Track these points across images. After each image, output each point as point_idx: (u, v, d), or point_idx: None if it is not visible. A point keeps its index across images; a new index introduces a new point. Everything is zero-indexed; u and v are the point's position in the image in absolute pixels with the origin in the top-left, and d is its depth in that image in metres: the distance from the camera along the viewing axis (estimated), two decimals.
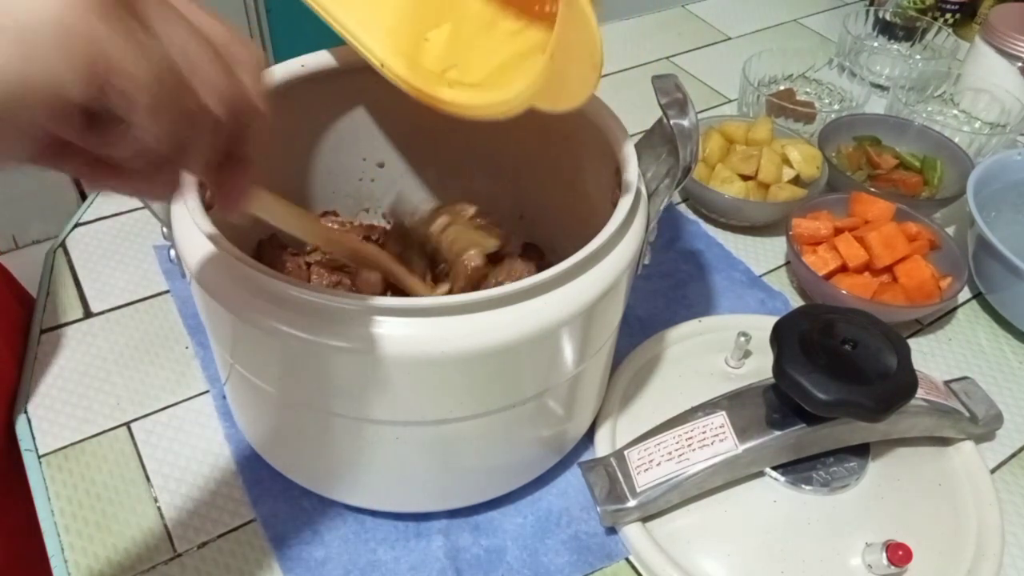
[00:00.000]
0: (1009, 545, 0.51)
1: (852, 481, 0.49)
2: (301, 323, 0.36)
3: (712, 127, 0.75)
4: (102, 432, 0.53)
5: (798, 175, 0.71)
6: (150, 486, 0.51)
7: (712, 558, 0.47)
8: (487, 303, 0.36)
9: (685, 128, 0.43)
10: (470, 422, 0.41)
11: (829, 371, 0.45)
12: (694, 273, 0.68)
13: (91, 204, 0.70)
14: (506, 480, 0.50)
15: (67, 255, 0.65)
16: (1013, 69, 0.83)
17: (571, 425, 0.50)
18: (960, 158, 0.74)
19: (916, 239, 0.65)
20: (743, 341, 0.55)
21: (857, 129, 0.78)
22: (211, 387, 0.56)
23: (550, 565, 0.48)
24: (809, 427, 0.47)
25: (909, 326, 0.65)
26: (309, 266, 0.52)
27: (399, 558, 0.48)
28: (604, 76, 1.03)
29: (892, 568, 0.45)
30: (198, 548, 0.48)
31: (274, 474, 0.51)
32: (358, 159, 0.57)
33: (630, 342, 0.59)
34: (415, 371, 0.37)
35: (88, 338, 0.59)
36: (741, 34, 1.02)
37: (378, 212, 0.61)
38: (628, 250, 0.41)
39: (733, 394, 0.50)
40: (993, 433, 0.57)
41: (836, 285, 0.62)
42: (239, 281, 0.37)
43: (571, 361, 0.42)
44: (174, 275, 0.64)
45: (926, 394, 0.50)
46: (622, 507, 0.48)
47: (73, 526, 0.48)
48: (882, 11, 0.97)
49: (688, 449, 0.48)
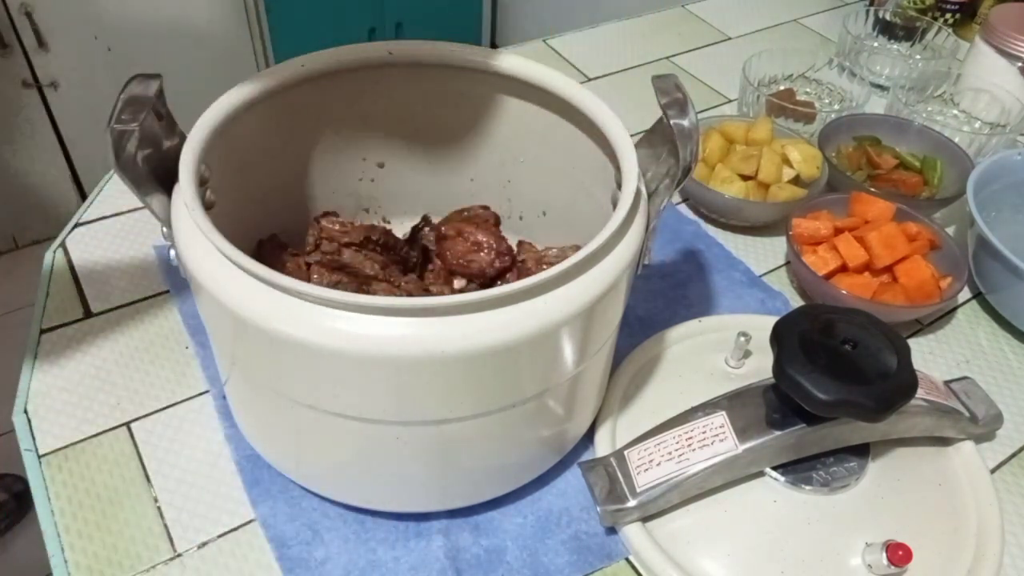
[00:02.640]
0: (1009, 545, 0.51)
1: (852, 481, 0.49)
2: (301, 323, 0.36)
3: (712, 127, 0.75)
4: (102, 432, 0.53)
5: (798, 175, 0.71)
6: (150, 486, 0.51)
7: (712, 558, 0.47)
8: (487, 303, 0.36)
9: (685, 128, 0.43)
10: (470, 422, 0.41)
11: (829, 371, 0.45)
12: (694, 273, 0.68)
13: (91, 204, 0.70)
14: (506, 480, 0.50)
15: (67, 255, 0.65)
16: (1013, 69, 0.83)
17: (571, 425, 0.50)
18: (960, 158, 0.74)
19: (916, 239, 0.65)
20: (743, 341, 0.55)
21: (857, 129, 0.78)
22: (211, 387, 0.56)
23: (550, 565, 0.48)
24: (809, 427, 0.47)
25: (909, 326, 0.65)
26: (309, 266, 0.52)
27: (399, 558, 0.48)
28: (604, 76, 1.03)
29: (892, 568, 0.45)
30: (198, 548, 0.48)
31: (274, 474, 0.51)
32: (358, 159, 0.57)
33: (630, 342, 0.59)
34: (415, 371, 0.37)
35: (88, 338, 0.59)
36: (741, 34, 1.02)
37: (378, 212, 0.61)
38: (628, 250, 0.41)
39: (733, 394, 0.50)
40: (993, 433, 0.57)
41: (836, 285, 0.62)
42: (239, 281, 0.37)
43: (571, 361, 0.42)
44: (174, 275, 0.64)
45: (926, 394, 0.50)
46: (622, 507, 0.48)
47: (73, 526, 0.48)
48: (882, 11, 0.97)
49: (688, 449, 0.48)
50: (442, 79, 0.52)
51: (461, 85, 0.52)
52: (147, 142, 0.41)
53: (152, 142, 0.41)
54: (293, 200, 0.56)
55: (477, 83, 0.52)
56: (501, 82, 0.51)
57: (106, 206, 0.69)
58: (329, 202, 0.58)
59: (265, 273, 0.36)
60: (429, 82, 0.52)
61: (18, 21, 1.50)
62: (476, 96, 0.53)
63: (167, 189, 0.42)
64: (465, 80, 0.52)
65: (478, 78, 0.51)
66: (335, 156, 0.56)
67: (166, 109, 0.43)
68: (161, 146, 0.42)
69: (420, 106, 0.54)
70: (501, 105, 0.52)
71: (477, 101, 0.53)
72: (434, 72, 0.52)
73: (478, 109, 0.53)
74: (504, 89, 0.51)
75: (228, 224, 0.39)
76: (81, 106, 1.66)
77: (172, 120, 0.43)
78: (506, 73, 0.50)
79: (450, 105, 0.54)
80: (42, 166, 1.70)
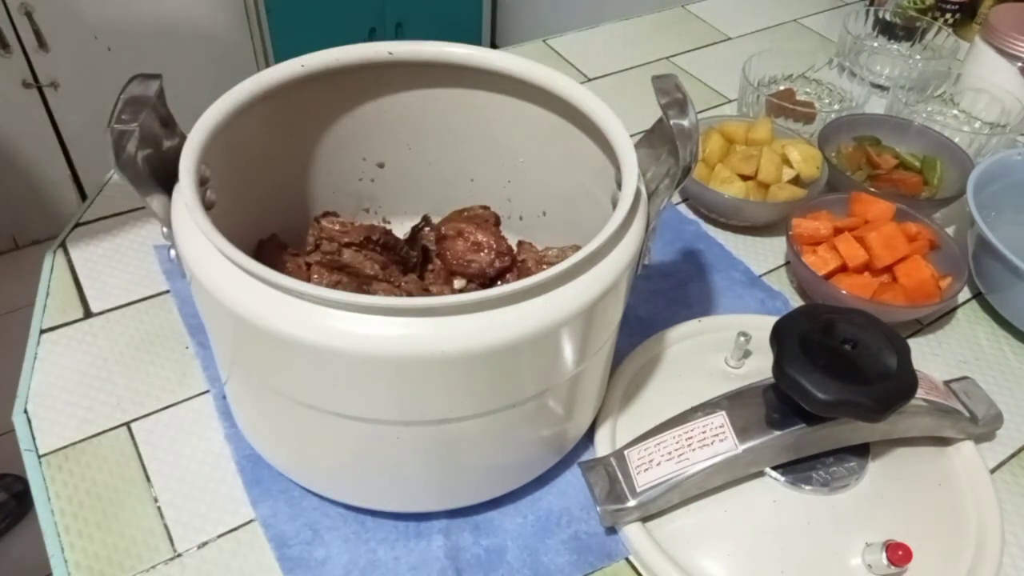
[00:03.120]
0: (1009, 545, 0.51)
1: (852, 481, 0.49)
2: (301, 323, 0.36)
3: (712, 127, 0.75)
4: (102, 432, 0.53)
5: (798, 175, 0.71)
6: (150, 486, 0.51)
7: (712, 558, 0.47)
8: (487, 303, 0.36)
9: (685, 128, 0.43)
10: (470, 422, 0.41)
11: (829, 371, 0.45)
12: (694, 273, 0.68)
13: (91, 204, 0.70)
14: (506, 480, 0.50)
15: (67, 255, 0.65)
16: (1013, 69, 0.83)
17: (571, 425, 0.50)
18: (960, 158, 0.74)
19: (916, 239, 0.65)
20: (743, 341, 0.55)
21: (857, 129, 0.78)
22: (211, 387, 0.56)
23: (550, 565, 0.48)
24: (809, 427, 0.47)
25: (909, 326, 0.65)
26: (309, 266, 0.52)
27: (399, 558, 0.48)
28: (604, 76, 1.03)
29: (892, 568, 0.45)
30: (198, 548, 0.48)
31: (274, 474, 0.51)
32: (358, 159, 0.57)
33: (630, 342, 0.59)
34: (415, 371, 0.37)
35: (88, 338, 0.59)
36: (741, 34, 1.02)
37: (378, 212, 0.61)
38: (628, 250, 0.41)
39: (733, 394, 0.50)
40: (993, 433, 0.57)
41: (836, 285, 0.62)
42: (239, 281, 0.37)
43: (571, 361, 0.42)
44: (174, 275, 0.64)
45: (926, 394, 0.50)
46: (622, 507, 0.48)
47: (73, 526, 0.48)
48: (882, 11, 0.97)
49: (688, 449, 0.48)
50: (442, 79, 0.52)
51: (461, 85, 0.52)
52: (147, 142, 0.41)
53: (152, 142, 0.41)
54: (293, 200, 0.56)
55: (477, 83, 0.52)
56: (501, 82, 0.51)
57: (106, 206, 0.70)
58: (329, 202, 0.58)
59: (265, 273, 0.36)
60: (429, 82, 0.52)
61: (18, 21, 1.50)
62: (476, 96, 0.53)
63: (167, 189, 0.42)
64: (465, 80, 0.52)
65: (478, 78, 0.51)
66: (335, 156, 0.56)
67: (166, 109, 0.43)
68: (161, 146, 0.42)
69: (420, 106, 0.54)
70: (501, 105, 0.52)
71: (477, 101, 0.53)
72: (434, 72, 0.52)
73: (478, 109, 0.53)
74: (504, 89, 0.51)
75: (228, 224, 0.39)
76: (81, 106, 1.66)
77: (172, 120, 0.43)
78: (506, 73, 0.50)
79: (450, 105, 0.54)
80: (42, 166, 1.70)
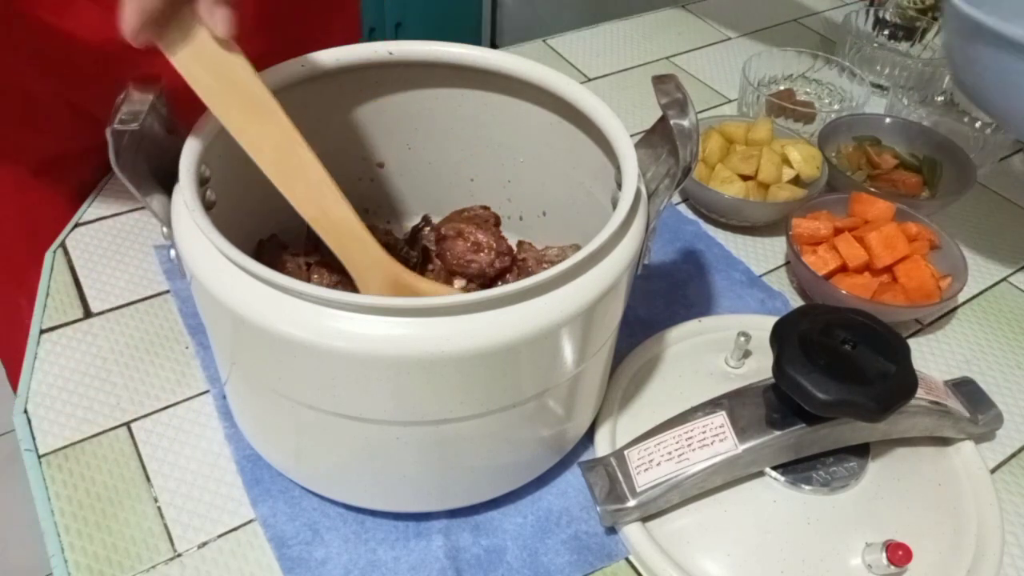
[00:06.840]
0: (1009, 545, 0.51)
1: (852, 481, 0.49)
2: (301, 323, 0.36)
3: (712, 127, 0.75)
4: (102, 432, 0.53)
5: (798, 175, 0.71)
6: (150, 486, 0.51)
7: (712, 558, 0.47)
8: (487, 303, 0.36)
9: (685, 128, 0.43)
10: (470, 422, 0.41)
11: (829, 371, 0.45)
12: (694, 273, 0.68)
13: (91, 204, 0.70)
14: (506, 480, 0.50)
15: (67, 255, 0.65)
16: None
17: (571, 425, 0.50)
18: (960, 158, 0.74)
19: (916, 239, 0.65)
20: (743, 341, 0.55)
21: (857, 129, 0.78)
22: (211, 387, 0.56)
23: (550, 565, 0.48)
24: (809, 427, 0.47)
25: (909, 326, 0.65)
26: (309, 266, 0.52)
27: (399, 558, 0.48)
28: (604, 76, 1.03)
29: (892, 568, 0.45)
30: (198, 548, 0.48)
31: (274, 474, 0.51)
32: (358, 159, 0.57)
33: (630, 342, 0.59)
34: (415, 371, 0.37)
35: (88, 338, 0.59)
36: (741, 34, 1.02)
37: (378, 212, 0.61)
38: (628, 250, 0.41)
39: (733, 394, 0.50)
40: (993, 433, 0.57)
41: (836, 285, 0.62)
42: (239, 281, 0.37)
43: (571, 361, 0.42)
44: (174, 275, 0.64)
45: (926, 394, 0.50)
46: (622, 507, 0.48)
47: (73, 526, 0.48)
48: (882, 11, 0.97)
49: (688, 449, 0.48)
50: (442, 79, 0.52)
51: (461, 85, 0.52)
52: (147, 142, 0.41)
53: (152, 142, 0.41)
54: None
55: (477, 83, 0.52)
56: (501, 82, 0.51)
57: (106, 206, 0.70)
58: None
59: (265, 273, 0.36)
60: (429, 82, 0.52)
61: None
62: (476, 96, 0.53)
63: (167, 189, 0.42)
64: (465, 80, 0.52)
65: (478, 78, 0.51)
66: (335, 156, 0.55)
67: (167, 109, 0.43)
68: (161, 146, 0.42)
69: (420, 106, 0.54)
70: (501, 105, 0.52)
71: (477, 101, 0.53)
72: (434, 72, 0.52)
73: (478, 109, 0.53)
74: (504, 89, 0.51)
75: (228, 224, 0.39)
76: None
77: (172, 120, 0.43)
78: (506, 73, 0.50)
79: (450, 105, 0.54)
80: None
